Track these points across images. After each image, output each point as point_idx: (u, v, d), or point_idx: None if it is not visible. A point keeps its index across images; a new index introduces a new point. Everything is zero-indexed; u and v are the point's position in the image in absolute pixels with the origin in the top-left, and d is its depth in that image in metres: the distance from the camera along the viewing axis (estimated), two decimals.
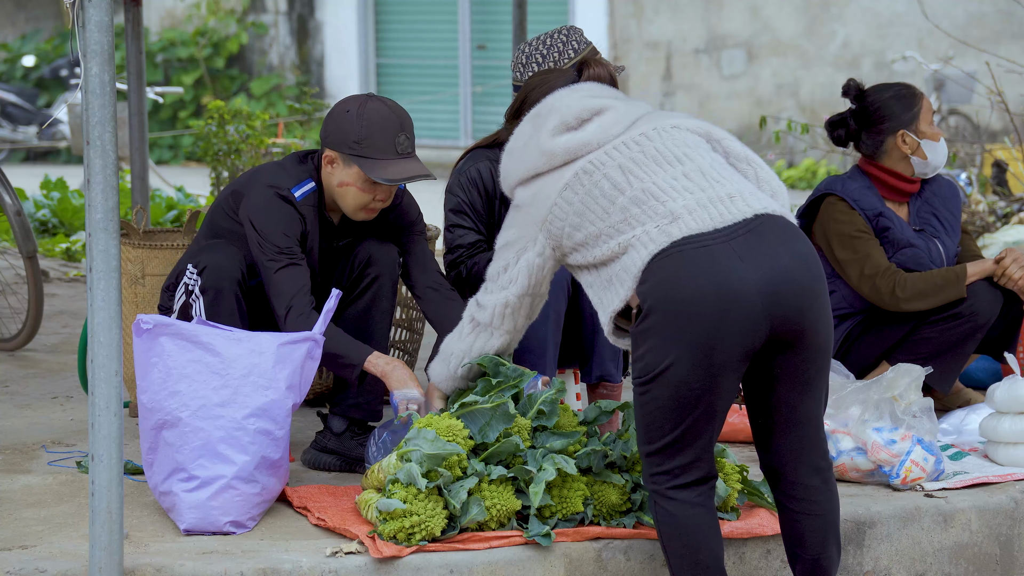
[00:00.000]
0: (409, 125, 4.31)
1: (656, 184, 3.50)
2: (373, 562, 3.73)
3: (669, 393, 3.41)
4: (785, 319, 3.40)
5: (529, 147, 3.68)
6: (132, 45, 6.44)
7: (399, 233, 4.53)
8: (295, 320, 4.17)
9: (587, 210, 3.56)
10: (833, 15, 15.58)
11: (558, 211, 3.61)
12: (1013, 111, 8.55)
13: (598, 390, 4.61)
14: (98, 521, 3.48)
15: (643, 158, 3.55)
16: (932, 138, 5.02)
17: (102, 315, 3.44)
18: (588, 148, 3.61)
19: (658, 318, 3.39)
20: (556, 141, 3.62)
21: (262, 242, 4.24)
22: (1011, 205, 8.69)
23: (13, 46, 19.74)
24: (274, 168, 4.37)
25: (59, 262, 8.85)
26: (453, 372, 3.96)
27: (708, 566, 3.52)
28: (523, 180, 3.70)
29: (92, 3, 3.37)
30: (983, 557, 4.29)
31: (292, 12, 18.40)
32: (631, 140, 3.59)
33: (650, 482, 3.54)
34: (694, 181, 3.50)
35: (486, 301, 3.82)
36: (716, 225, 3.42)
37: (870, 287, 4.94)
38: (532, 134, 3.69)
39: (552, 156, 3.63)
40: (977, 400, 5.11)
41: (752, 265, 3.38)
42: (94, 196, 3.42)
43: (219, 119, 9.40)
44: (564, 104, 3.69)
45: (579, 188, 3.58)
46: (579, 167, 3.59)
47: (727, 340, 3.36)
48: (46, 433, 4.87)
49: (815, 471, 3.61)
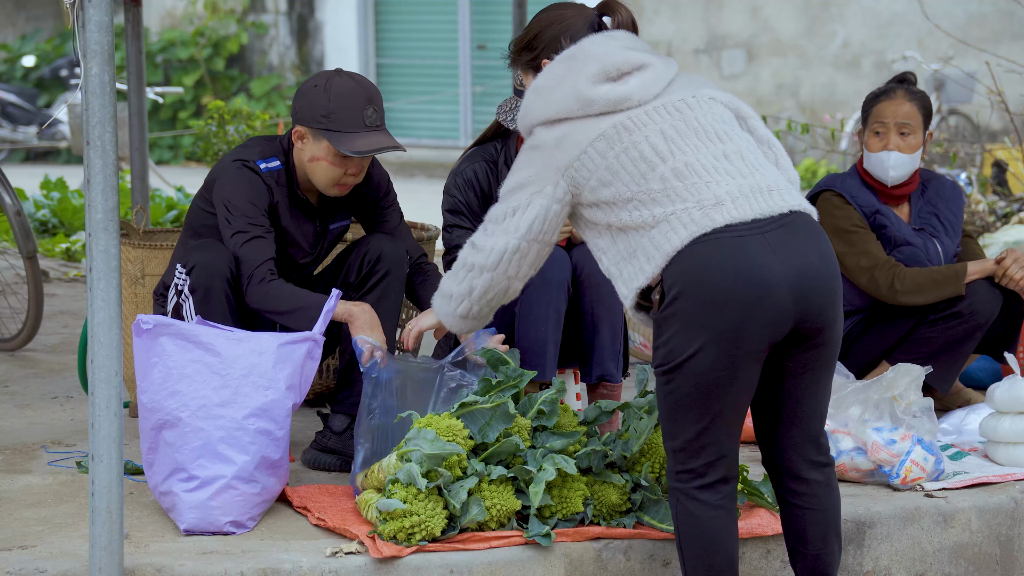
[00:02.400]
0: (378, 99, 4.32)
1: (699, 161, 3.45)
2: (373, 562, 3.73)
3: (693, 382, 3.39)
4: (808, 315, 3.42)
5: (562, 89, 3.55)
6: (132, 45, 6.44)
7: (372, 205, 4.56)
8: (254, 288, 4.19)
9: (622, 169, 3.48)
10: (833, 15, 15.58)
11: (587, 161, 3.51)
12: (1013, 111, 8.55)
13: (598, 390, 4.61)
14: (98, 521, 3.48)
15: (685, 128, 3.50)
16: (868, 147, 5.01)
17: (102, 315, 3.44)
18: (628, 104, 3.52)
19: (688, 304, 3.36)
20: (596, 89, 3.51)
21: (230, 216, 4.27)
22: (1011, 205, 8.69)
23: (13, 46, 19.74)
24: (239, 148, 4.43)
25: (59, 262, 8.84)
26: (453, 311, 3.77)
27: (723, 569, 3.50)
28: (548, 120, 3.57)
29: (92, 3, 3.37)
30: (983, 557, 4.29)
31: (292, 12, 18.40)
32: (671, 106, 3.53)
33: (675, 480, 3.52)
34: (735, 165, 3.47)
35: (485, 243, 3.64)
36: (756, 215, 3.41)
37: (868, 279, 4.94)
38: (566, 76, 3.56)
39: (589, 103, 3.52)
40: (977, 400, 5.11)
41: (784, 259, 3.38)
42: (94, 196, 3.42)
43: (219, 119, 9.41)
44: (604, 52, 3.57)
45: (616, 143, 3.49)
46: (617, 121, 3.50)
47: (756, 331, 3.36)
48: (46, 433, 4.87)
49: (817, 466, 3.61)
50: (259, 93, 17.92)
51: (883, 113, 4.96)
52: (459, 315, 3.77)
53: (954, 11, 14.65)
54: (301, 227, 4.45)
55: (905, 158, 4.97)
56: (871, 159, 5.00)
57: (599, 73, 3.53)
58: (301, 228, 4.45)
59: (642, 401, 4.06)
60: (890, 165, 4.96)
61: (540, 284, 4.38)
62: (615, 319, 4.52)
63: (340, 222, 4.58)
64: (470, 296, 3.71)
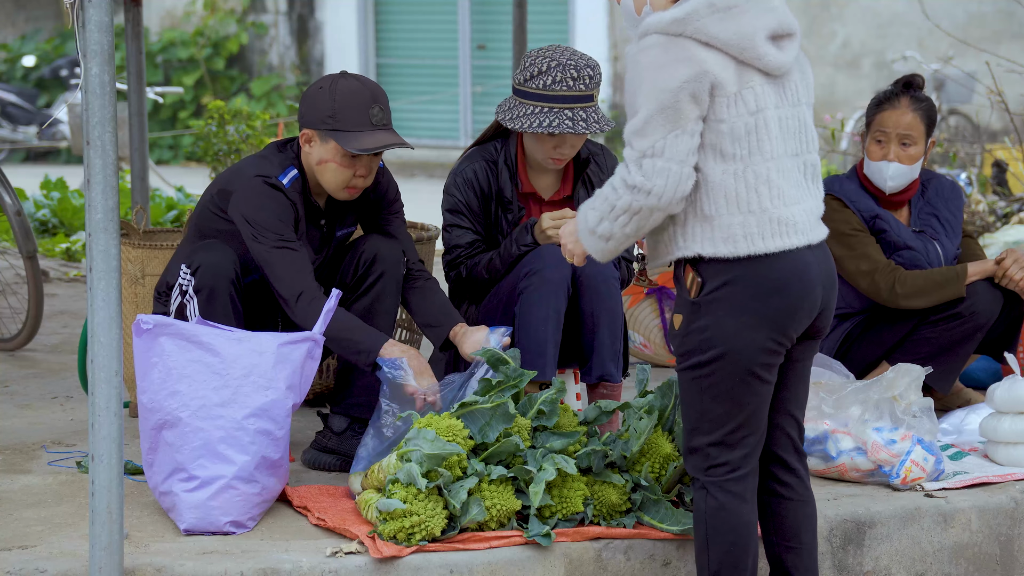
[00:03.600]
0: (383, 98, 4.32)
1: (786, 174, 3.45)
2: (373, 562, 3.73)
3: (736, 369, 3.42)
4: (825, 312, 3.56)
5: (735, 19, 3.37)
6: (132, 45, 6.44)
7: (379, 210, 4.55)
8: (307, 305, 4.16)
9: (742, 136, 3.38)
10: (833, 15, 15.58)
11: (723, 108, 3.37)
12: (1013, 111, 8.55)
13: (598, 390, 4.61)
14: (98, 521, 3.48)
15: (789, 122, 3.47)
16: (868, 154, 5.01)
17: (102, 315, 3.44)
18: (775, 73, 3.43)
19: (738, 290, 3.40)
20: (766, 48, 3.39)
21: (257, 233, 4.23)
22: (1011, 205, 8.69)
23: (13, 46, 19.74)
24: (256, 160, 4.37)
25: (59, 262, 8.84)
26: (594, 226, 3.45)
27: (747, 566, 3.53)
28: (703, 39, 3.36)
29: (92, 3, 3.37)
30: (983, 557, 4.29)
31: (292, 12, 18.41)
32: (790, 94, 3.48)
33: (705, 475, 3.52)
34: (807, 186, 3.52)
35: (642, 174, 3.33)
36: (810, 241, 3.49)
37: (869, 282, 4.94)
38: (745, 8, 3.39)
39: (753, 56, 3.38)
40: (977, 400, 5.11)
41: (816, 258, 3.50)
42: (94, 196, 3.42)
43: (219, 119, 9.41)
44: (776, 3, 3.46)
45: (746, 110, 3.39)
46: (758, 87, 3.40)
47: (800, 321, 3.47)
48: (46, 433, 4.87)
49: (800, 456, 3.68)
50: (259, 93, 17.92)
51: (885, 122, 4.95)
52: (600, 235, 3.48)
53: (954, 11, 14.65)
54: (309, 233, 4.44)
55: (904, 169, 4.96)
56: (871, 167, 5.00)
57: (774, 28, 3.44)
58: (309, 234, 4.43)
59: (642, 401, 4.06)
60: (888, 176, 4.96)
61: (539, 284, 4.39)
62: (614, 319, 4.52)
63: (347, 228, 4.55)
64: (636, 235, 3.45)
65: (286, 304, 4.21)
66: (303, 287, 4.19)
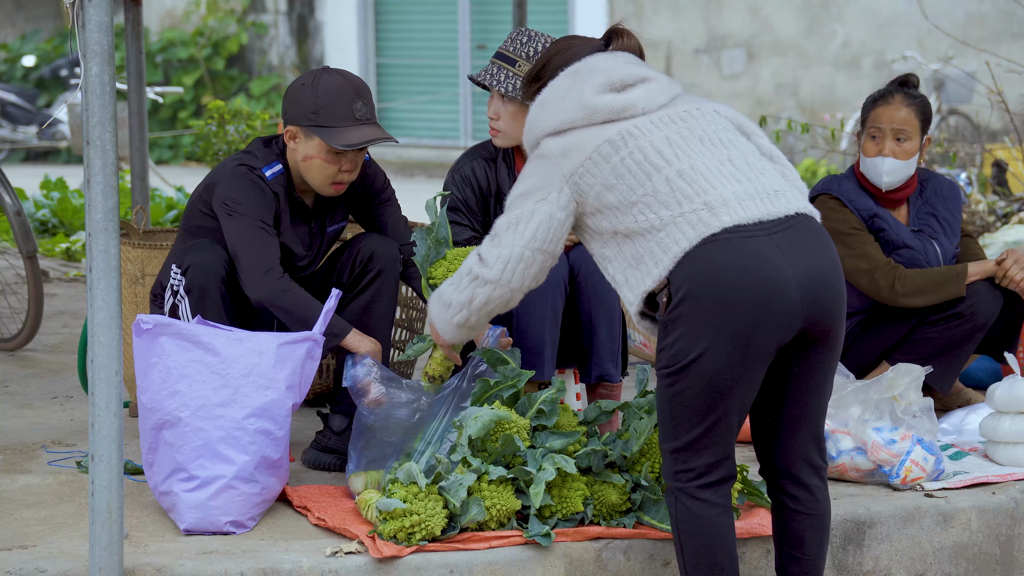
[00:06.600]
0: (367, 93, 4.32)
1: (704, 164, 3.48)
2: (373, 562, 3.73)
3: (701, 384, 3.39)
4: (816, 318, 3.44)
5: (568, 100, 3.60)
6: (132, 45, 6.44)
7: (369, 202, 4.55)
8: (275, 281, 4.17)
9: (627, 172, 3.49)
10: (833, 15, 15.58)
11: (592, 166, 3.52)
12: (1013, 111, 8.55)
13: (598, 390, 4.61)
14: (98, 521, 3.48)
15: (689, 135, 3.53)
16: (864, 151, 5.01)
17: (102, 315, 3.44)
18: (632, 112, 3.56)
19: (696, 305, 3.36)
20: (601, 98, 3.56)
21: (233, 210, 4.24)
22: (1011, 205, 8.69)
23: (13, 46, 19.74)
24: (241, 154, 4.40)
25: (59, 262, 8.84)
26: (451, 319, 3.77)
27: (724, 568, 3.51)
28: (555, 131, 3.60)
29: (92, 3, 3.37)
30: (983, 557, 4.29)
31: (292, 12, 18.40)
32: (675, 115, 3.57)
33: (673, 479, 3.52)
34: (740, 169, 3.50)
35: (490, 254, 3.62)
36: (761, 217, 3.42)
37: (868, 281, 4.94)
38: (572, 88, 3.61)
39: (594, 112, 3.56)
40: (977, 400, 5.11)
41: (793, 260, 3.40)
42: (94, 196, 3.42)
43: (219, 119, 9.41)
44: (609, 65, 3.63)
45: (621, 148, 3.51)
46: (622, 128, 3.54)
47: (765, 332, 3.37)
48: (46, 433, 4.87)
49: (816, 470, 3.62)
50: (259, 93, 17.92)
51: (880, 118, 4.96)
52: (456, 324, 3.78)
53: (954, 11, 14.65)
54: (296, 230, 4.44)
55: (900, 164, 4.96)
56: (866, 163, 5.00)
57: (604, 84, 3.58)
58: (296, 231, 4.44)
59: (642, 401, 4.06)
60: (884, 171, 4.96)
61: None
62: (613, 319, 4.52)
63: (337, 224, 4.56)
64: (470, 306, 3.71)
65: (249, 275, 4.19)
66: (272, 264, 4.20)
